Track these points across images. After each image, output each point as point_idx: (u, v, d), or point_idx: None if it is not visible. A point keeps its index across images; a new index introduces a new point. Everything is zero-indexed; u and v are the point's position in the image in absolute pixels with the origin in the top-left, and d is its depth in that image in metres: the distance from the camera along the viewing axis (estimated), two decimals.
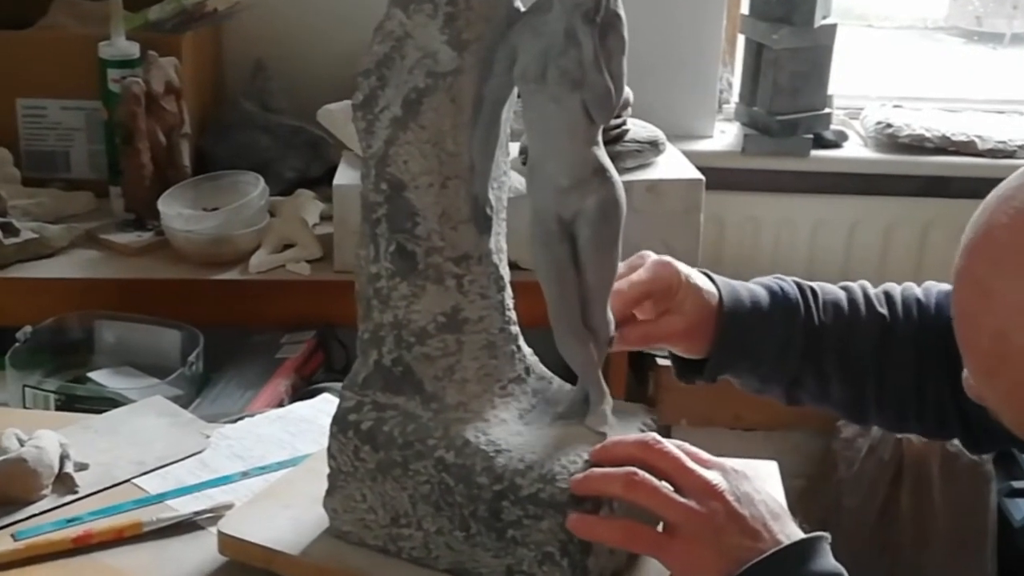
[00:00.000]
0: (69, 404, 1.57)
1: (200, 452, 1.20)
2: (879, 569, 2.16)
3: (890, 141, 2.33)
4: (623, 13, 0.88)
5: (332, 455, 0.98)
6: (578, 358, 0.94)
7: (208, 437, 1.23)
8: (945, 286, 1.08)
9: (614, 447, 0.90)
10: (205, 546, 1.03)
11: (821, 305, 1.07)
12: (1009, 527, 2.12)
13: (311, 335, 1.84)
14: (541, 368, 1.01)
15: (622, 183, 0.91)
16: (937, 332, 1.03)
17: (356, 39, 0.99)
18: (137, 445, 1.21)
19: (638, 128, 1.93)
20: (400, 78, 0.91)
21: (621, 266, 1.00)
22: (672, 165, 1.95)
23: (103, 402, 1.50)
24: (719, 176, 2.16)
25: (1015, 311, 0.76)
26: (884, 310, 1.07)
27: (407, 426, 0.94)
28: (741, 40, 2.39)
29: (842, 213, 2.35)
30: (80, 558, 1.04)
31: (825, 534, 0.87)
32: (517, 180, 1.03)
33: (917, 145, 2.32)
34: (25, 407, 1.59)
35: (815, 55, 2.26)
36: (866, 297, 1.08)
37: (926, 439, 1.24)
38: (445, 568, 0.95)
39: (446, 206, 0.93)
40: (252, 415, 1.34)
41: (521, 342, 0.99)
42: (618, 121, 1.87)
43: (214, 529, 1.03)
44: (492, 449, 0.92)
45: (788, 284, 1.08)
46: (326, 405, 1.29)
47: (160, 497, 1.12)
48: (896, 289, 1.10)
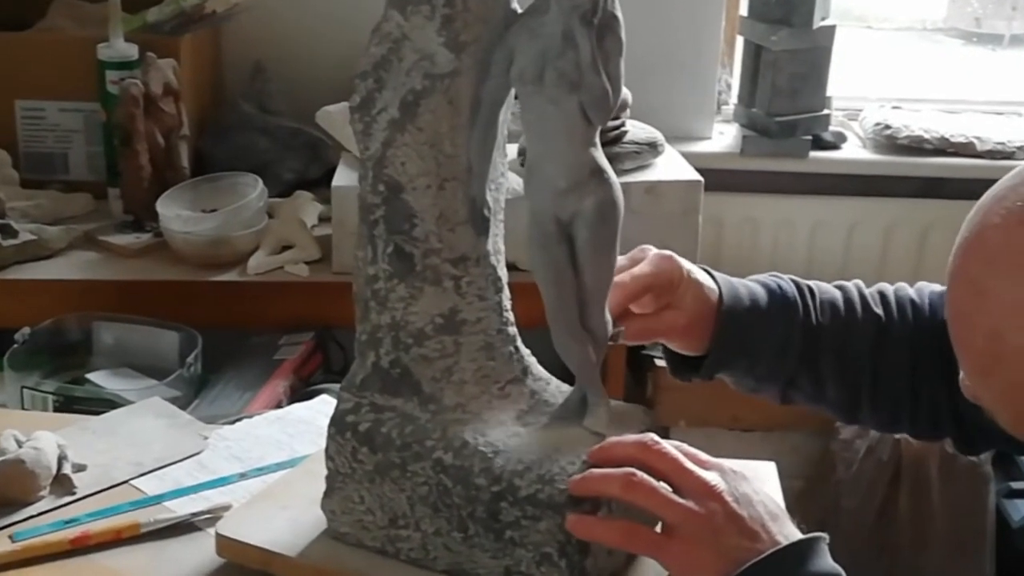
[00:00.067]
0: (67, 405, 1.56)
1: (198, 453, 1.20)
2: (877, 570, 2.16)
3: (889, 142, 2.33)
4: (620, 14, 0.87)
5: (330, 456, 0.98)
6: (576, 359, 0.94)
7: (206, 438, 1.23)
8: (938, 287, 1.08)
9: (612, 448, 0.90)
10: (203, 547, 1.03)
11: (818, 304, 1.07)
12: (1007, 528, 2.12)
13: (309, 336, 1.84)
14: (539, 369, 1.01)
15: (620, 184, 0.91)
16: (931, 333, 1.03)
17: (355, 41, 0.98)
18: (135, 446, 1.21)
19: (637, 129, 1.93)
20: (397, 80, 0.91)
21: (623, 259, 1.00)
22: (671, 166, 1.95)
23: (101, 403, 1.50)
24: (718, 177, 2.16)
25: (1009, 311, 0.76)
26: (880, 310, 1.07)
27: (405, 427, 0.94)
28: (740, 41, 2.39)
29: (841, 214, 2.35)
30: (78, 559, 1.04)
31: (823, 535, 0.87)
32: (515, 181, 1.02)
33: (916, 146, 2.32)
34: (23, 408, 1.58)
35: (814, 56, 2.26)
36: (862, 297, 1.08)
37: (919, 440, 1.24)
38: (443, 569, 0.95)
39: (444, 208, 0.93)
40: (250, 416, 1.33)
41: (519, 343, 0.99)
42: (616, 122, 1.87)
43: (212, 530, 1.03)
44: (490, 450, 0.92)
45: (786, 283, 1.08)
46: (324, 406, 1.29)
47: (158, 498, 1.12)
48: (889, 289, 1.10)
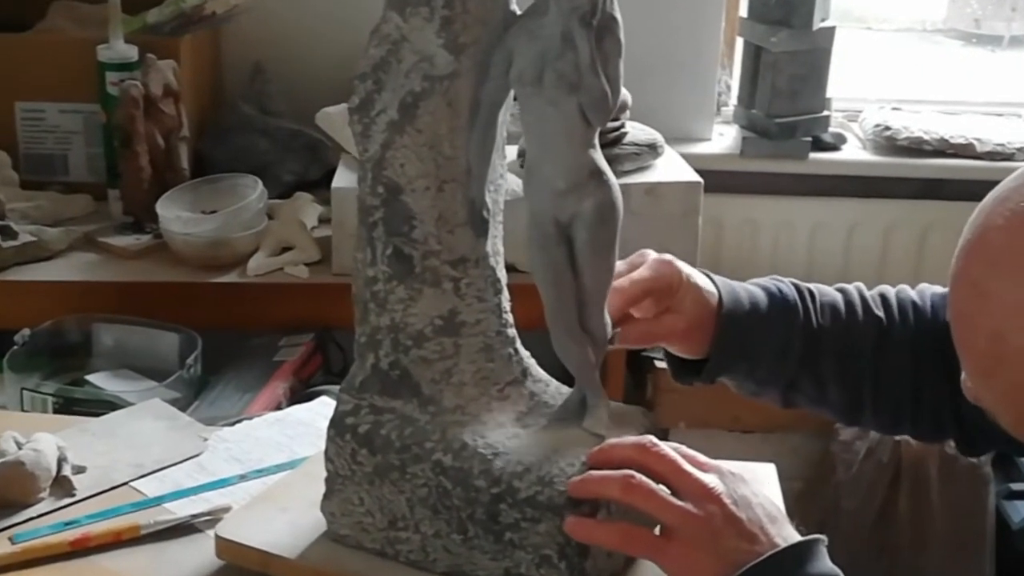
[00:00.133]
0: (67, 407, 1.56)
1: (198, 455, 1.20)
2: (877, 571, 2.15)
3: (889, 144, 2.33)
4: (619, 16, 0.87)
5: (330, 458, 0.97)
6: (575, 360, 0.94)
7: (206, 440, 1.23)
8: (940, 288, 1.08)
9: (612, 450, 0.90)
10: (203, 549, 1.03)
11: (819, 307, 1.06)
12: (1007, 529, 2.12)
13: (309, 338, 1.84)
14: (538, 371, 1.01)
15: (620, 186, 0.91)
16: (933, 335, 1.03)
17: (354, 42, 0.98)
18: (135, 448, 1.21)
19: (636, 131, 1.93)
20: (396, 82, 0.91)
21: (622, 264, 1.00)
22: (670, 168, 1.95)
23: (101, 405, 1.50)
24: (717, 179, 2.15)
25: (1012, 312, 0.75)
26: (880, 312, 1.07)
27: (404, 429, 0.94)
28: (739, 43, 2.39)
29: (841, 216, 2.35)
30: (78, 561, 1.04)
31: (822, 537, 0.87)
32: (514, 183, 1.02)
33: (916, 148, 2.31)
34: (23, 410, 1.58)
35: (813, 58, 2.26)
36: (862, 299, 1.08)
37: (921, 441, 1.24)
38: (443, 571, 0.95)
39: (443, 209, 0.93)
40: (250, 418, 1.33)
41: (518, 345, 0.99)
42: (616, 124, 1.87)
43: (212, 532, 1.03)
44: (490, 452, 0.92)
45: (786, 286, 1.08)
46: (324, 408, 1.29)
47: (158, 500, 1.12)
48: (891, 291, 1.10)
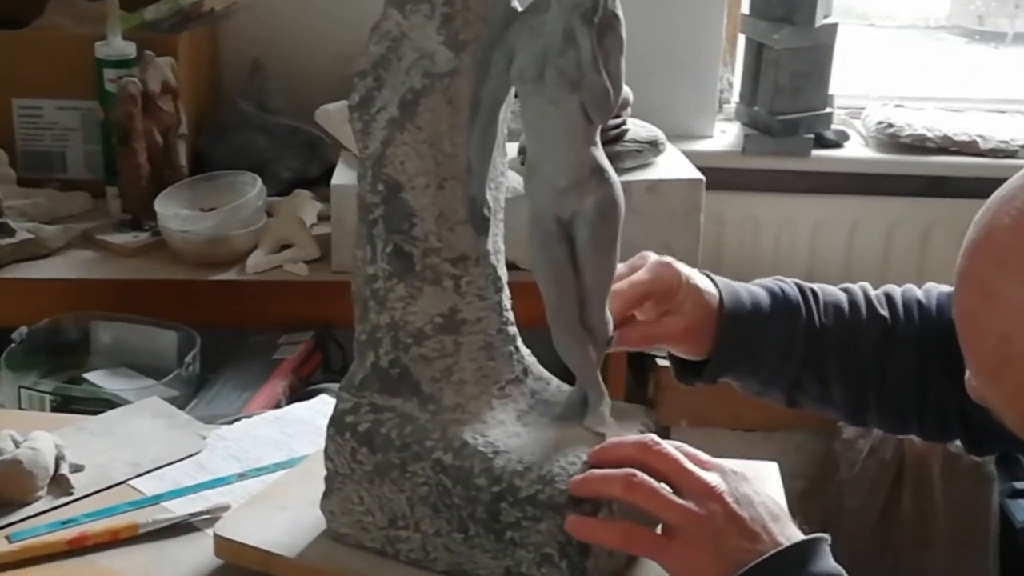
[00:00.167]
0: (65, 405, 1.56)
1: (196, 453, 1.20)
2: (880, 570, 2.15)
3: (891, 141, 2.33)
4: (621, 13, 0.87)
5: (329, 457, 0.97)
6: (576, 359, 0.94)
7: (205, 438, 1.23)
8: (946, 287, 1.07)
9: (613, 448, 0.90)
10: (201, 548, 1.03)
11: (822, 307, 1.06)
12: (1011, 528, 2.12)
13: (308, 336, 1.84)
14: (539, 369, 1.01)
15: (621, 183, 0.91)
16: (938, 334, 1.02)
17: (354, 39, 0.98)
18: (133, 446, 1.20)
19: (638, 128, 1.93)
20: (397, 79, 0.91)
21: (622, 267, 1.00)
22: (672, 165, 1.94)
23: (99, 403, 1.49)
24: (719, 176, 2.15)
25: (1019, 313, 0.75)
26: (885, 312, 1.07)
27: (404, 428, 0.94)
28: (742, 39, 2.38)
29: (843, 213, 2.35)
30: (76, 560, 1.03)
31: (825, 535, 0.87)
32: (515, 180, 1.02)
33: (918, 145, 2.31)
34: (20, 408, 1.58)
35: (816, 54, 2.25)
36: (867, 299, 1.08)
37: (928, 441, 1.23)
38: (443, 570, 0.94)
39: (443, 207, 0.92)
40: (249, 416, 1.33)
41: (519, 343, 0.99)
42: (617, 121, 1.87)
43: (210, 531, 1.02)
44: (490, 450, 0.92)
45: (789, 286, 1.07)
46: (323, 406, 1.28)
47: (156, 499, 1.12)
48: (897, 291, 1.09)
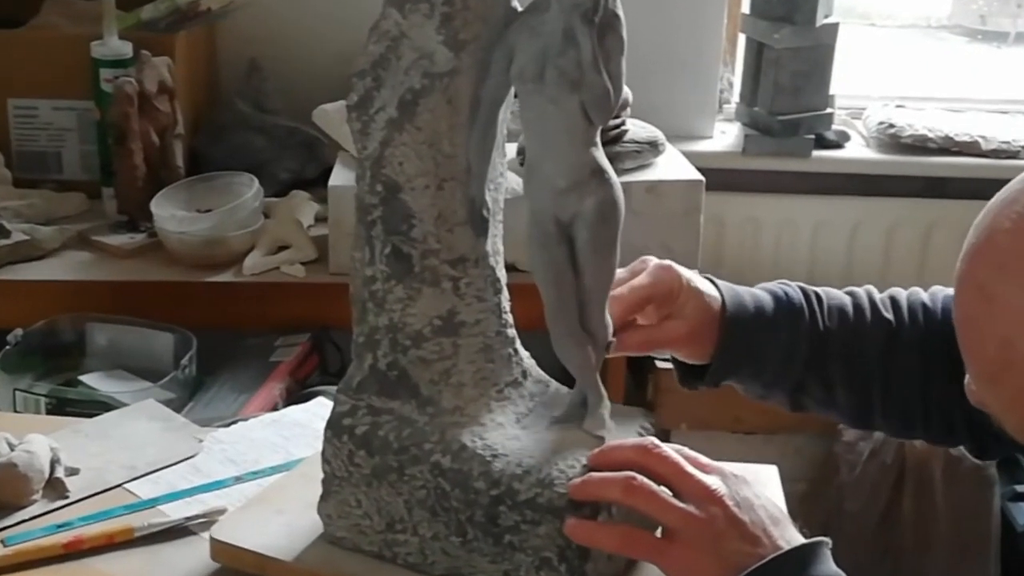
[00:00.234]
0: (60, 408, 1.56)
1: (193, 456, 1.20)
2: (881, 573, 2.15)
3: (892, 141, 2.32)
4: (622, 13, 0.87)
5: (326, 460, 0.97)
6: (576, 361, 0.93)
7: (201, 441, 1.22)
8: (951, 291, 1.07)
9: (612, 451, 0.90)
10: (197, 552, 1.03)
11: (826, 310, 1.06)
12: (1012, 531, 2.11)
13: (306, 338, 1.83)
14: (538, 371, 1.01)
15: (621, 184, 0.90)
16: (943, 337, 1.01)
17: (352, 39, 0.98)
18: (129, 449, 1.20)
19: (637, 128, 1.92)
20: (396, 79, 0.90)
21: (623, 271, 1.00)
22: (672, 166, 1.94)
23: (94, 406, 1.49)
24: (719, 177, 2.15)
25: (1020, 318, 0.75)
26: (890, 315, 1.06)
27: (403, 430, 0.94)
28: (742, 39, 2.38)
29: (844, 214, 2.34)
30: (71, 564, 1.03)
31: (826, 539, 0.86)
32: (514, 181, 1.02)
33: (920, 145, 2.31)
34: (15, 411, 1.57)
35: (817, 54, 2.25)
36: (871, 302, 1.07)
37: (934, 445, 1.23)
38: (441, 574, 0.94)
39: (442, 208, 0.92)
40: (246, 419, 1.32)
41: (518, 345, 0.99)
42: (617, 121, 1.86)
43: (206, 535, 1.02)
44: (489, 454, 0.91)
45: (792, 289, 1.07)
46: (321, 409, 1.28)
47: (152, 502, 1.11)
48: (902, 294, 1.09)
